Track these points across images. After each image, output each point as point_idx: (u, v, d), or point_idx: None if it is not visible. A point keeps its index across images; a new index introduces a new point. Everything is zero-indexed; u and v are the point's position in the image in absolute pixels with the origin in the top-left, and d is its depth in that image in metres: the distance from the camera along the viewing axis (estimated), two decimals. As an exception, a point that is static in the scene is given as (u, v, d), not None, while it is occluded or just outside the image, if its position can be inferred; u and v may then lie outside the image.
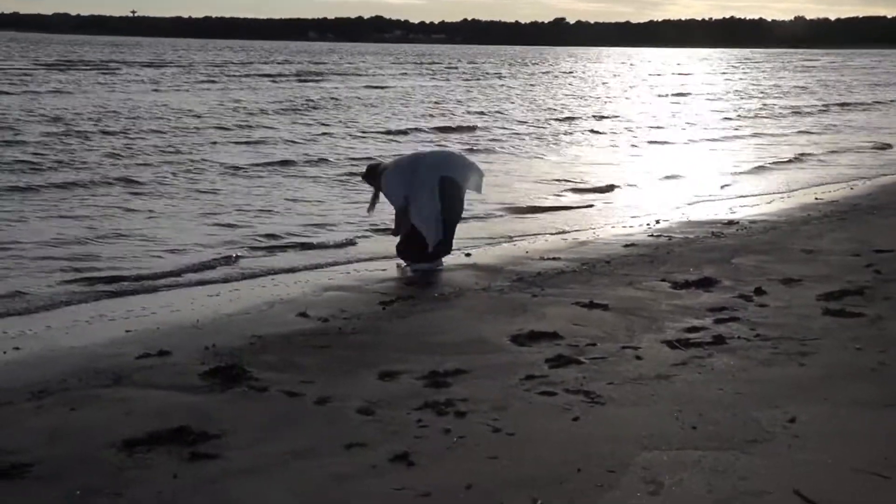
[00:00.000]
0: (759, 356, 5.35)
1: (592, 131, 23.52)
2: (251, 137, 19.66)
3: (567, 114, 28.63)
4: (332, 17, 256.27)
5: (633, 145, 20.83)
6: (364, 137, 20.79)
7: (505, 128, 23.81)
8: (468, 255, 8.84)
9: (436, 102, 32.10)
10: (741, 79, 58.06)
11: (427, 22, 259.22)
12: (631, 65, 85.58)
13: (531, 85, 47.47)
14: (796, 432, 4.22)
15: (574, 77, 58.98)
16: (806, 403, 4.56)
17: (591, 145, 20.65)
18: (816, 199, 12.67)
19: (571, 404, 4.58)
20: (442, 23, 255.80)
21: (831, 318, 6.18)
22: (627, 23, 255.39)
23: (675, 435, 4.20)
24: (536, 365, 5.23)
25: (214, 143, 18.37)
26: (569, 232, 10.41)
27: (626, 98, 38.20)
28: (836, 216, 10.88)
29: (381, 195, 8.51)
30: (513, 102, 33.56)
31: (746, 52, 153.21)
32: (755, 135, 23.38)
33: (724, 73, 69.13)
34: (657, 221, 10.90)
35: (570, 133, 22.92)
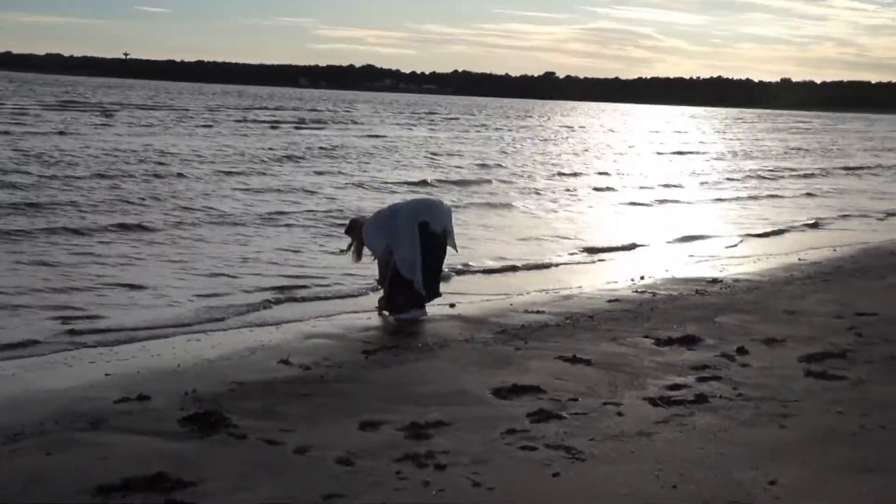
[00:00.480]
0: (741, 416, 5.36)
1: (601, 188, 22.94)
2: (249, 185, 19.52)
3: (571, 169, 28.31)
4: (324, 65, 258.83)
5: (635, 202, 20.38)
6: (368, 188, 20.55)
7: (509, 181, 23.58)
8: (452, 305, 8.85)
9: (433, 153, 31.86)
10: (738, 138, 58.13)
11: (418, 72, 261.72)
12: (624, 122, 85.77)
13: (531, 138, 47.43)
14: (777, 494, 4.21)
15: (573, 131, 59.16)
16: (787, 466, 4.56)
17: (600, 202, 20.22)
18: (800, 259, 12.76)
19: (552, 460, 4.57)
20: (433, 73, 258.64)
21: (813, 380, 6.20)
22: (617, 79, 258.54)
23: (656, 494, 4.19)
24: (518, 419, 5.21)
25: (208, 192, 17.98)
26: (556, 289, 10.43)
27: (628, 155, 37.89)
28: (820, 277, 10.95)
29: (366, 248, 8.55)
30: (517, 156, 33.30)
31: (735, 111, 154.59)
32: (762, 196, 23.01)
33: (718, 131, 69.52)
34: (642, 277, 10.94)
35: (575, 190, 22.43)
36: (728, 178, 28.24)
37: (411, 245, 8.14)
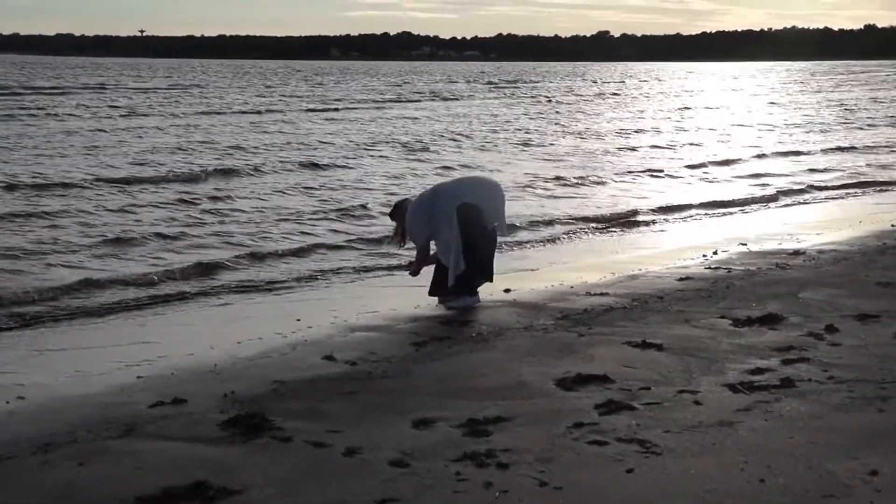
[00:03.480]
0: (834, 401, 5.30)
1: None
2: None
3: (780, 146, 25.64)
4: (356, 34, 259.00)
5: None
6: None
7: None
8: (508, 290, 8.85)
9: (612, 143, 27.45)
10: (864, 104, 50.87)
11: (458, 38, 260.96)
12: (722, 81, 79.40)
13: (674, 110, 43.76)
14: (879, 486, 4.16)
15: (694, 97, 55.91)
16: (888, 454, 4.50)
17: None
18: (893, 226, 12.55)
19: (625, 455, 4.56)
20: (475, 38, 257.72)
21: (913, 358, 6.11)
22: (678, 35, 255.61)
23: (741, 489, 4.16)
24: (585, 411, 5.21)
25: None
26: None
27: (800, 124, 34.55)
28: (916, 244, 10.77)
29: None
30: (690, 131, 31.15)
31: (825, 64, 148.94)
32: None
33: (852, 89, 63.79)
34: (714, 252, 10.85)
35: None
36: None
37: (449, 228, 8.17)
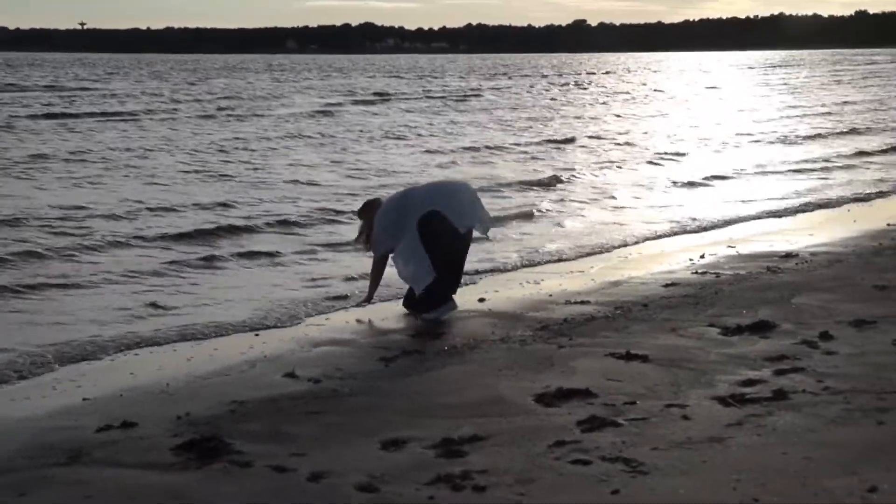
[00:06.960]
0: (830, 413, 5.34)
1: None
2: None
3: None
4: (315, 25, 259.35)
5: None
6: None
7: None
8: (482, 300, 8.86)
9: None
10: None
11: (425, 28, 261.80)
12: (740, 73, 77.27)
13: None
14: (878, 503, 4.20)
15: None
16: (888, 469, 4.54)
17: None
18: (889, 225, 12.68)
19: (609, 474, 4.58)
20: (443, 29, 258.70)
21: (913, 367, 6.17)
22: (659, 24, 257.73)
23: (734, 509, 4.19)
24: (566, 428, 5.22)
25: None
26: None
27: None
28: (914, 245, 10.87)
29: None
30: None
31: (820, 53, 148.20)
32: None
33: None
34: (702, 256, 10.91)
35: None
36: None
37: (413, 240, 8.13)
